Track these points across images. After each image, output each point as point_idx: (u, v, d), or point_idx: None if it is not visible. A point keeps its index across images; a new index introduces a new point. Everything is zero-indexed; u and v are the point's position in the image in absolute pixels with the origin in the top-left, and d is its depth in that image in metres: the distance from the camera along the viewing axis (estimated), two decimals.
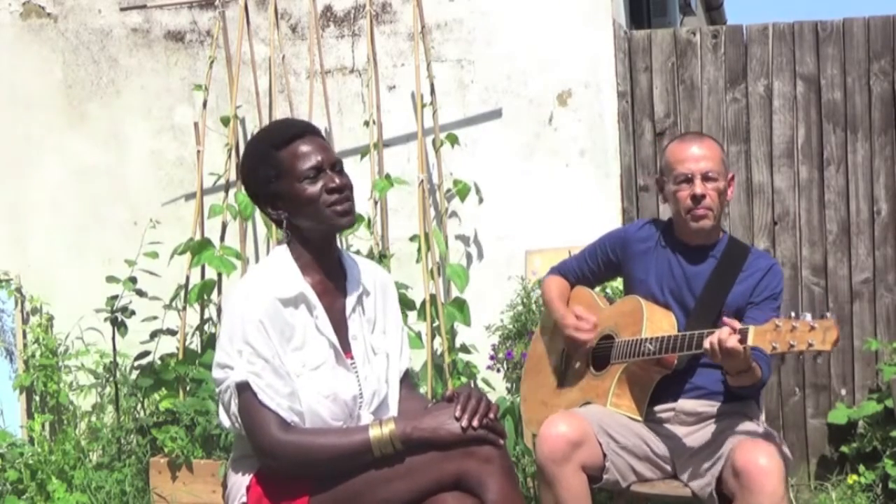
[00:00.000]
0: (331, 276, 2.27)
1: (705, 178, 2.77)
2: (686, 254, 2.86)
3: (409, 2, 4.35)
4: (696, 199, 2.77)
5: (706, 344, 2.49)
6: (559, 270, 3.16)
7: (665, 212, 3.78)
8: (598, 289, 3.40)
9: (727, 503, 2.57)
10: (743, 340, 2.41)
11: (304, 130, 2.24)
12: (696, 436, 2.76)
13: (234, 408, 2.15)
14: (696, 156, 2.78)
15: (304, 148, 2.20)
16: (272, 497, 2.15)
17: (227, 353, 2.14)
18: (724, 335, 2.44)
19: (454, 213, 4.39)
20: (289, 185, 2.19)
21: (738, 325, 2.46)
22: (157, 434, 3.95)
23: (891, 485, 3.77)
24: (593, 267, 3.08)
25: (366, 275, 2.35)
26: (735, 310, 2.70)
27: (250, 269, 2.44)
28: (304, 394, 2.15)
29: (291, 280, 2.20)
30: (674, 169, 2.81)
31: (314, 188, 2.18)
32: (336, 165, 2.23)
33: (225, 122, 4.36)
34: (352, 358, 2.25)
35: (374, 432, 2.09)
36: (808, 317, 2.30)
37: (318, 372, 2.18)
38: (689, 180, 2.78)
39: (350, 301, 2.28)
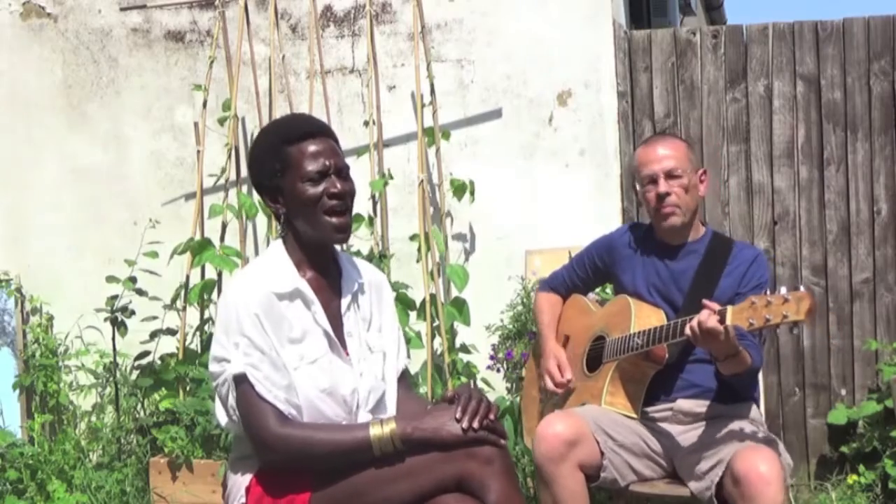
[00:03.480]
0: (325, 274, 2.27)
1: (669, 175, 2.82)
2: (669, 253, 2.90)
3: (409, 2, 4.35)
4: (661, 197, 2.81)
5: (687, 330, 2.51)
6: (549, 285, 3.19)
7: None
8: (597, 290, 3.41)
9: None
10: (722, 321, 2.43)
11: (318, 130, 2.24)
12: (692, 434, 2.77)
13: (231, 401, 2.15)
14: (659, 156, 2.85)
15: (314, 148, 2.20)
16: (272, 497, 2.14)
17: (224, 347, 2.14)
18: (704, 317, 2.46)
19: (454, 213, 4.39)
20: (291, 183, 2.19)
21: (716, 306, 2.48)
22: (157, 434, 3.94)
23: (891, 485, 3.77)
24: (582, 276, 3.12)
25: (360, 274, 2.35)
26: (725, 303, 2.70)
27: (245, 265, 2.44)
28: (301, 388, 2.14)
29: (287, 275, 2.20)
30: (640, 172, 2.88)
31: (315, 190, 2.18)
32: (342, 171, 2.23)
33: (222, 122, 4.36)
34: (348, 354, 2.25)
35: (375, 431, 2.09)
36: (783, 290, 2.32)
37: (316, 365, 2.17)
38: (653, 181, 2.83)
39: (345, 299, 2.28)
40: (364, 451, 2.09)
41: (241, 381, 2.12)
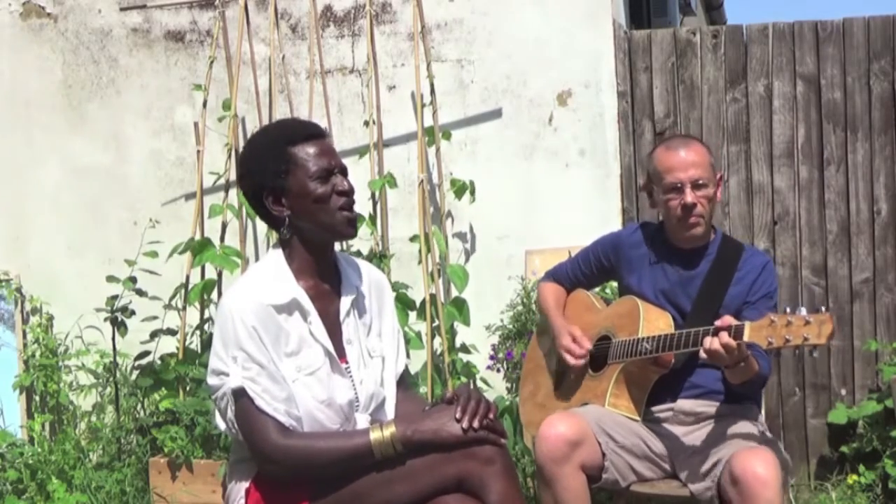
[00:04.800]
0: (325, 280, 2.26)
1: (695, 185, 2.74)
2: (679, 257, 2.85)
3: (409, 2, 4.35)
4: (688, 208, 2.74)
5: (703, 354, 2.48)
6: (554, 275, 3.17)
7: None
8: (597, 289, 3.40)
9: None
10: (739, 336, 2.41)
11: (318, 132, 2.26)
12: (694, 435, 2.76)
13: (230, 414, 2.15)
14: (684, 164, 2.75)
15: (318, 148, 2.21)
16: (271, 501, 2.15)
17: (222, 360, 2.13)
18: (718, 344, 2.43)
19: (454, 213, 4.39)
20: (299, 182, 2.19)
21: (733, 321, 2.46)
22: (157, 434, 3.94)
23: (891, 485, 3.77)
24: (587, 272, 3.08)
25: (361, 276, 2.35)
26: (733, 311, 2.68)
27: (243, 275, 2.43)
28: (300, 399, 2.14)
29: (284, 286, 2.19)
30: (662, 178, 2.78)
31: (325, 188, 2.18)
32: (345, 170, 2.24)
33: (222, 121, 4.36)
34: (346, 363, 2.25)
35: (375, 435, 2.09)
36: (804, 311, 2.30)
37: (314, 377, 2.17)
38: (678, 189, 2.75)
39: (344, 304, 2.27)
40: (365, 456, 2.08)
41: (240, 395, 2.11)
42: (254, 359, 2.10)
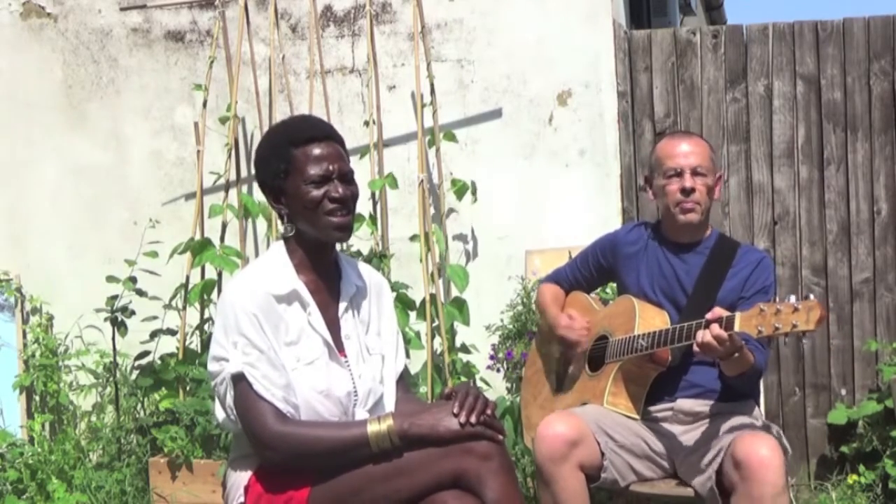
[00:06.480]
0: (325, 276, 2.28)
1: (694, 172, 2.81)
2: (676, 252, 2.89)
3: (409, 2, 4.35)
4: (686, 191, 2.80)
5: (696, 348, 2.49)
6: (553, 279, 3.19)
7: None
8: (594, 292, 3.41)
9: (726, 496, 2.56)
10: (730, 327, 2.43)
11: (324, 134, 2.25)
12: (693, 433, 2.77)
13: (229, 400, 2.16)
14: (685, 151, 2.83)
15: (319, 152, 2.21)
16: (271, 495, 2.15)
17: (222, 346, 2.15)
18: (710, 337, 2.45)
19: (454, 213, 4.39)
20: (294, 185, 2.20)
21: (723, 312, 2.47)
22: (157, 434, 3.95)
23: (891, 485, 3.77)
24: (586, 273, 3.11)
25: (360, 277, 2.36)
26: (728, 306, 2.68)
27: (246, 265, 2.45)
28: (298, 388, 2.15)
29: (285, 277, 2.21)
30: (663, 164, 2.85)
31: (317, 193, 2.19)
32: (346, 176, 2.23)
33: (223, 121, 4.36)
34: (345, 356, 2.26)
35: (372, 427, 2.10)
36: (792, 298, 2.32)
37: (313, 367, 2.19)
38: (678, 174, 2.81)
39: (343, 301, 2.29)
40: (362, 447, 2.09)
41: (239, 379, 2.13)
42: (254, 344, 2.12)
